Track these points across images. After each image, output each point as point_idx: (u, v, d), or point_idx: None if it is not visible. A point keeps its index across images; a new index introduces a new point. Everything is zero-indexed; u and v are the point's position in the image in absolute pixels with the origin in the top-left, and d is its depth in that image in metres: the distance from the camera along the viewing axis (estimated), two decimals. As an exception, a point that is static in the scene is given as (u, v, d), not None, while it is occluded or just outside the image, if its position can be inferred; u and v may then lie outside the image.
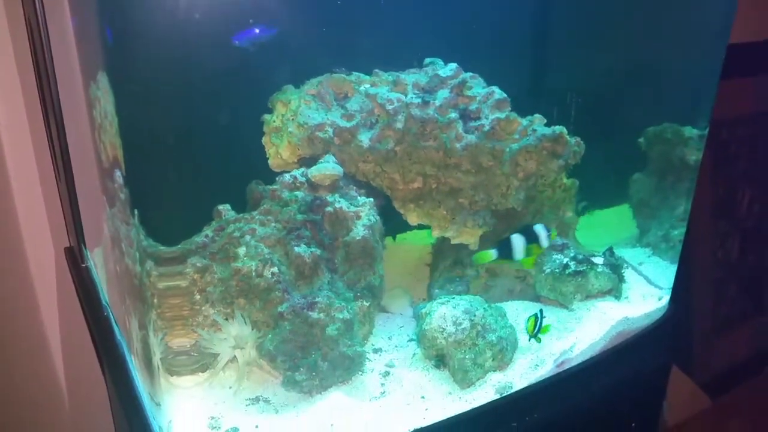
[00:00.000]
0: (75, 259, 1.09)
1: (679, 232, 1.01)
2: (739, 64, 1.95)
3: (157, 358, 0.68)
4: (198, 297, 0.81)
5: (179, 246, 0.80)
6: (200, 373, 0.81)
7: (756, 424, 2.09)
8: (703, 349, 2.14)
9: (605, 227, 1.10)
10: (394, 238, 1.07)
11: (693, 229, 2.01)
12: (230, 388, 0.80)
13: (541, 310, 0.84)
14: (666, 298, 0.97)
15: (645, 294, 0.97)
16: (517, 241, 0.85)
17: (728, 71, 1.98)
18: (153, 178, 0.64)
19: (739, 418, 2.12)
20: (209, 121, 0.85)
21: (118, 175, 0.62)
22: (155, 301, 0.68)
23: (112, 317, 0.87)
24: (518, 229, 0.86)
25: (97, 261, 0.96)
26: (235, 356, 0.81)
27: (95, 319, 0.93)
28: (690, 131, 1.00)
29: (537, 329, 0.83)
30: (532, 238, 0.86)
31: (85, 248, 1.03)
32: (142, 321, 0.67)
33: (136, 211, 0.60)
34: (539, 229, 0.86)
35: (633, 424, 0.98)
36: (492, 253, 0.86)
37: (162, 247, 0.67)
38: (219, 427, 0.73)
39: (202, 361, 0.81)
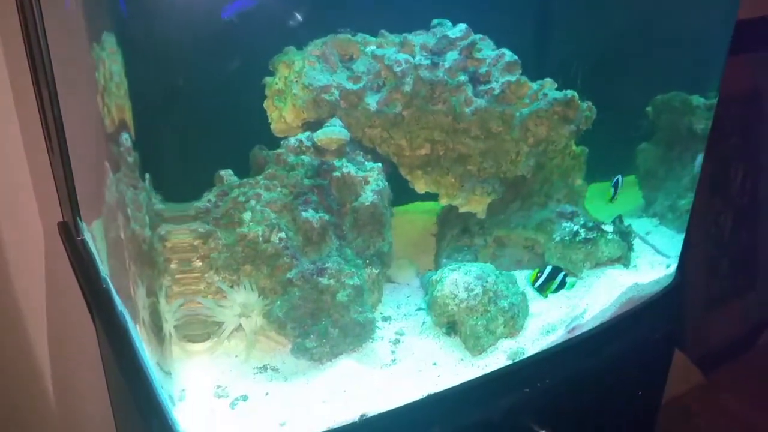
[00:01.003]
0: (69, 233, 1.06)
1: (686, 202, 1.00)
2: (733, 41, 1.95)
3: (169, 326, 0.66)
4: (201, 263, 0.79)
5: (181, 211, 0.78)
6: (203, 342, 0.79)
7: (748, 398, 2.12)
8: (696, 325, 2.17)
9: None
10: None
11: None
12: (236, 356, 0.78)
13: (554, 267, 0.84)
14: (673, 266, 0.96)
15: (653, 262, 0.96)
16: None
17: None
18: (162, 141, 0.62)
19: (732, 393, 2.15)
20: (213, 85, 0.82)
21: (125, 139, 0.59)
22: (171, 266, 0.65)
23: (112, 288, 0.85)
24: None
25: (96, 234, 0.93)
26: (240, 325, 0.79)
27: (93, 291, 0.90)
28: (698, 100, 0.99)
29: (542, 282, 0.83)
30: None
31: (81, 221, 1.00)
32: (151, 288, 0.64)
33: (147, 175, 0.58)
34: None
35: (639, 393, 0.98)
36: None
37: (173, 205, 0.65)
38: (227, 396, 0.71)
39: (205, 330, 0.79)
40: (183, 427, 0.64)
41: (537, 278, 0.84)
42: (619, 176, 0.85)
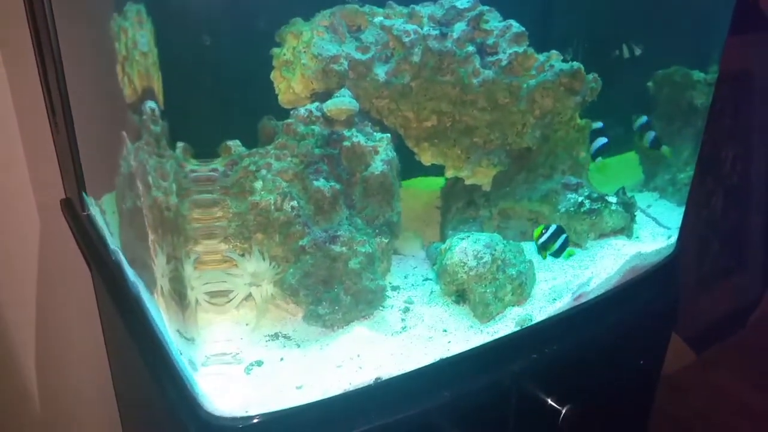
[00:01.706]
0: (73, 209, 1.05)
1: (686, 175, 1.02)
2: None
3: (195, 292, 0.66)
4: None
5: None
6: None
7: (738, 376, 2.16)
8: (688, 304, 2.20)
9: (613, 172, 1.10)
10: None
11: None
12: (247, 325, 0.78)
13: (559, 226, 0.85)
14: (674, 237, 0.98)
15: (654, 233, 0.98)
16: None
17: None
18: (189, 109, 0.62)
19: (723, 370, 2.18)
20: (227, 56, 0.82)
21: (150, 107, 0.59)
22: (191, 230, 0.65)
23: (123, 261, 0.85)
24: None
25: (105, 207, 0.93)
26: (250, 294, 0.80)
27: (102, 263, 0.90)
28: (698, 75, 1.01)
29: (545, 241, 0.85)
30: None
31: (87, 196, 0.99)
32: (174, 254, 0.65)
33: (179, 144, 0.58)
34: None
35: (641, 361, 1.01)
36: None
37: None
38: (240, 362, 0.72)
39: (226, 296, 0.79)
40: (204, 390, 0.65)
41: (541, 234, 0.86)
42: (557, 225, 0.87)
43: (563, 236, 0.86)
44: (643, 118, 0.97)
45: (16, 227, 1.12)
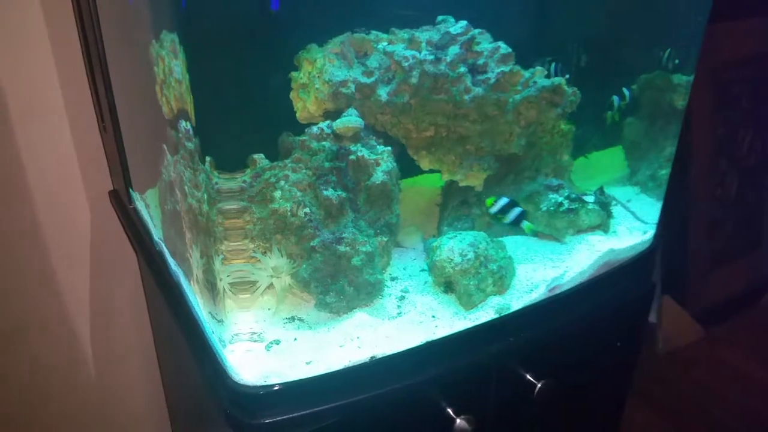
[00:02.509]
0: (120, 200, 1.22)
1: (665, 172, 1.12)
2: (741, 4, 1.99)
3: (223, 283, 0.82)
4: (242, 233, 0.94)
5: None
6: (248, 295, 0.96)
7: (746, 353, 2.23)
8: (699, 281, 2.27)
9: (600, 167, 1.21)
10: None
11: (693, 168, 2.11)
12: (269, 309, 0.94)
13: (512, 200, 0.98)
14: (651, 233, 1.09)
15: (631, 228, 1.09)
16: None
17: (730, 12, 2.03)
18: (221, 130, 0.76)
19: (731, 348, 2.25)
20: (252, 80, 0.96)
21: (184, 126, 0.74)
22: (223, 234, 0.80)
23: (165, 250, 1.01)
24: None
25: (149, 202, 1.09)
26: (272, 283, 0.95)
27: (148, 253, 1.07)
28: (679, 78, 1.09)
29: (497, 210, 0.98)
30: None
31: (133, 191, 1.16)
32: (206, 252, 0.80)
33: (207, 158, 0.72)
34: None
35: (618, 344, 1.13)
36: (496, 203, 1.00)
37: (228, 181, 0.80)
38: (262, 340, 0.88)
39: (249, 287, 0.95)
40: (232, 363, 0.81)
41: (493, 204, 0.98)
42: (510, 199, 0.98)
43: (517, 209, 0.98)
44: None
45: (69, 216, 1.30)
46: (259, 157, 0.97)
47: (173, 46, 0.70)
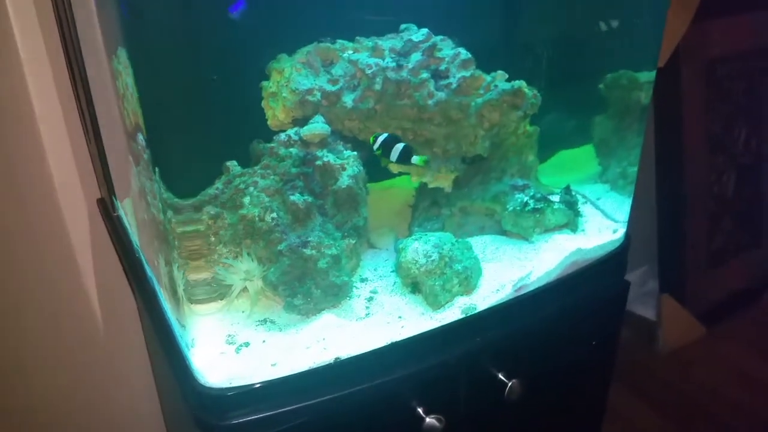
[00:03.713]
0: (107, 209, 1.26)
1: (635, 170, 1.13)
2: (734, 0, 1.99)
3: (180, 290, 0.85)
4: (213, 239, 0.97)
5: (197, 197, 0.96)
6: (219, 301, 0.99)
7: (748, 351, 2.22)
8: (698, 280, 2.25)
9: (573, 165, 1.23)
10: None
11: (688, 165, 2.11)
12: (243, 312, 0.97)
13: (392, 135, 0.97)
14: (621, 231, 1.10)
15: (601, 227, 1.10)
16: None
17: (723, 7, 2.03)
18: (171, 141, 0.79)
19: (732, 346, 2.24)
20: (217, 88, 0.99)
21: (141, 138, 0.77)
22: (176, 242, 0.83)
23: (143, 258, 1.05)
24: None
25: (127, 210, 1.13)
26: (246, 287, 0.98)
27: (128, 260, 1.11)
28: (648, 76, 1.10)
29: (378, 146, 0.96)
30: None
31: (116, 199, 1.20)
32: (168, 259, 0.84)
33: (156, 169, 0.75)
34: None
35: (594, 342, 1.14)
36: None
37: (177, 199, 0.83)
38: (235, 342, 0.90)
39: (219, 291, 0.98)
40: (196, 365, 0.84)
41: (375, 141, 0.97)
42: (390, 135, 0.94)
43: (400, 144, 0.96)
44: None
45: (69, 221, 1.33)
46: (232, 164, 1.00)
47: (125, 60, 0.73)
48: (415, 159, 0.98)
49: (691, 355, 2.21)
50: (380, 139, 0.97)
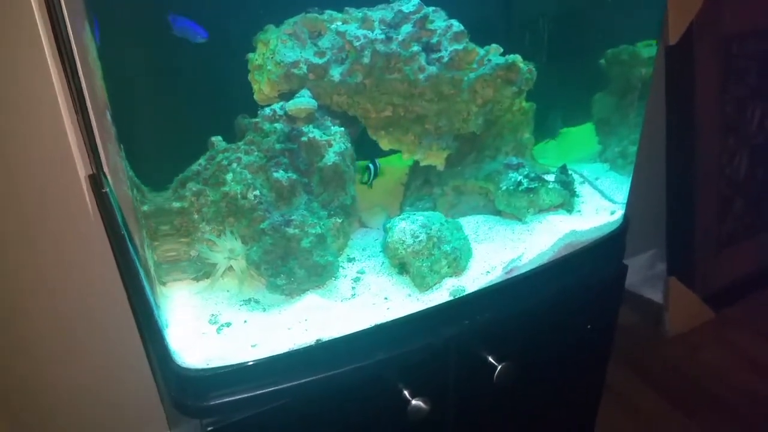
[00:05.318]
0: (97, 184, 1.24)
1: (635, 149, 1.09)
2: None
3: (152, 270, 0.83)
4: (196, 216, 0.95)
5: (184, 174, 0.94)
6: (206, 279, 0.97)
7: (756, 336, 2.17)
8: (707, 263, 2.21)
9: (574, 144, 1.18)
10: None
11: (700, 146, 2.05)
12: (227, 291, 0.95)
13: (373, 160, 1.03)
14: (619, 212, 1.06)
15: (598, 208, 1.06)
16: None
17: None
18: (140, 117, 0.76)
19: (740, 331, 2.19)
20: (199, 60, 0.96)
21: (108, 114, 0.74)
22: (143, 222, 0.81)
23: (126, 235, 1.03)
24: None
25: (114, 186, 1.11)
26: (231, 266, 0.96)
27: (114, 237, 1.09)
28: (650, 51, 1.05)
29: (371, 177, 1.03)
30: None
31: (105, 176, 1.18)
32: (141, 237, 0.81)
33: (121, 146, 0.73)
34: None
35: (589, 326, 1.10)
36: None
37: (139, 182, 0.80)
38: (217, 322, 0.88)
39: (204, 270, 0.96)
40: (174, 346, 0.82)
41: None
42: (373, 160, 1.06)
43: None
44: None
45: (68, 194, 1.31)
46: (217, 140, 0.97)
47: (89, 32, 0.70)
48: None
49: (699, 339, 2.17)
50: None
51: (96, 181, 1.26)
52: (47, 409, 1.47)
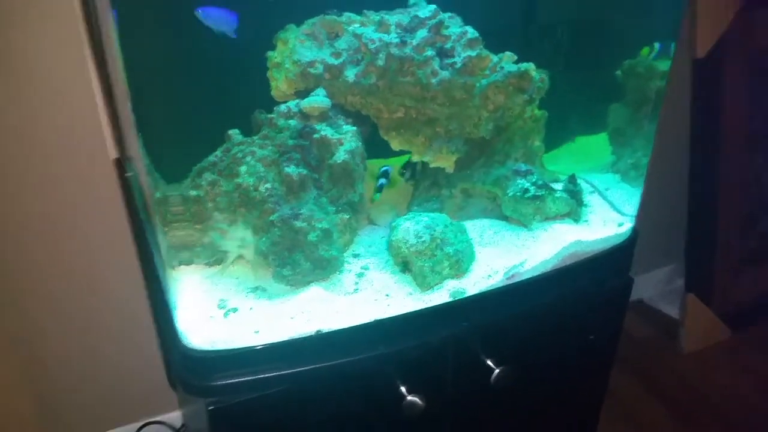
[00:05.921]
0: (121, 169, 1.29)
1: (648, 161, 1.09)
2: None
3: (164, 253, 0.87)
4: (210, 205, 0.99)
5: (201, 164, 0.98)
6: (217, 265, 1.01)
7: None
8: (726, 281, 2.17)
9: (588, 152, 1.19)
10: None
11: (724, 161, 2.02)
12: (237, 278, 0.98)
13: (386, 172, 1.04)
14: (628, 225, 1.06)
15: (606, 219, 1.07)
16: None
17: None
18: (158, 109, 0.80)
19: (757, 352, 2.15)
20: (221, 56, 0.99)
21: (129, 105, 0.78)
22: (156, 207, 0.85)
23: (144, 220, 1.07)
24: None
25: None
26: (242, 254, 1.00)
27: (134, 221, 1.13)
28: (665, 65, 1.06)
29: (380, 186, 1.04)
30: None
31: (128, 161, 1.22)
32: (154, 222, 0.85)
33: (140, 134, 0.76)
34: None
35: (591, 337, 1.11)
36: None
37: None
38: (225, 307, 0.92)
39: (215, 256, 1.00)
40: (182, 327, 0.86)
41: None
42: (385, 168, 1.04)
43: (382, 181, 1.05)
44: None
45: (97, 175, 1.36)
46: (234, 133, 1.01)
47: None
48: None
49: (714, 357, 2.14)
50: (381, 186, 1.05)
51: (120, 165, 1.31)
52: (68, 384, 1.53)
